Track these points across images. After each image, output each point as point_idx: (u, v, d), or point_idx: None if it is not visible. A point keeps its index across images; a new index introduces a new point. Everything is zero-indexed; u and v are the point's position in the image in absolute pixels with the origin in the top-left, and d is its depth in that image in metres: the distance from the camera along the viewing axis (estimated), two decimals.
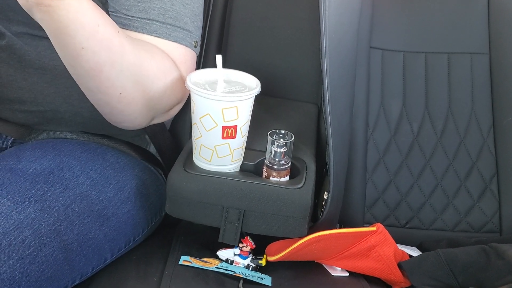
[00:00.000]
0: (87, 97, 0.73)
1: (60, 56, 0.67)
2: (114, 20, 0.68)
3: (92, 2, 0.63)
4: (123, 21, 0.74)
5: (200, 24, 0.81)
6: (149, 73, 0.71)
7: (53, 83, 0.80)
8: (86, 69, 0.66)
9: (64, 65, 0.77)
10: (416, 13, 1.06)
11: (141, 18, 0.74)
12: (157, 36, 0.75)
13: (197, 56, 0.82)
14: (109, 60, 0.66)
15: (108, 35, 0.65)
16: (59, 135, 0.86)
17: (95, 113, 0.77)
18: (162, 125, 0.91)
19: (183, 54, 0.77)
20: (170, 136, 0.94)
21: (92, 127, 0.87)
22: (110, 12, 0.75)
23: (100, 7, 0.66)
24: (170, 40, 0.75)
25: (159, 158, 0.96)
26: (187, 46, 0.77)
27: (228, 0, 1.05)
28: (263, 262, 0.78)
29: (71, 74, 0.69)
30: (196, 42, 0.80)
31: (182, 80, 0.76)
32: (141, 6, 0.74)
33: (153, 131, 0.90)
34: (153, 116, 0.78)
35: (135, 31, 0.74)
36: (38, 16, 0.61)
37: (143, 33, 0.74)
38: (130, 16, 0.74)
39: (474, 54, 1.04)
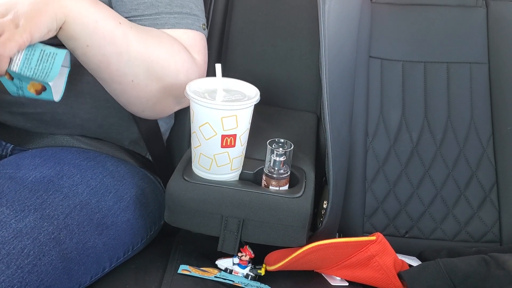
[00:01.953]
0: (105, 88, 0.76)
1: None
2: None
3: None
4: None
5: (202, 7, 0.83)
6: (158, 59, 0.73)
7: None
8: (96, 63, 0.70)
9: None
10: (415, 23, 1.06)
11: (150, 15, 0.76)
12: (168, 28, 0.77)
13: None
14: (115, 52, 0.69)
15: (109, 28, 0.68)
16: (58, 140, 0.86)
17: (93, 115, 0.77)
18: (158, 133, 0.91)
19: (192, 38, 0.79)
20: (163, 145, 0.95)
21: (91, 130, 0.87)
22: None
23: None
24: (180, 28, 0.78)
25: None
26: (196, 30, 0.80)
27: (228, 9, 1.06)
28: (262, 272, 0.78)
29: (85, 68, 0.72)
30: (204, 24, 0.82)
31: (194, 62, 0.78)
32: (149, 2, 0.76)
33: (149, 138, 0.90)
34: (175, 102, 0.79)
35: None
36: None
37: (155, 28, 0.76)
38: (139, 15, 0.76)
39: (473, 63, 1.04)
